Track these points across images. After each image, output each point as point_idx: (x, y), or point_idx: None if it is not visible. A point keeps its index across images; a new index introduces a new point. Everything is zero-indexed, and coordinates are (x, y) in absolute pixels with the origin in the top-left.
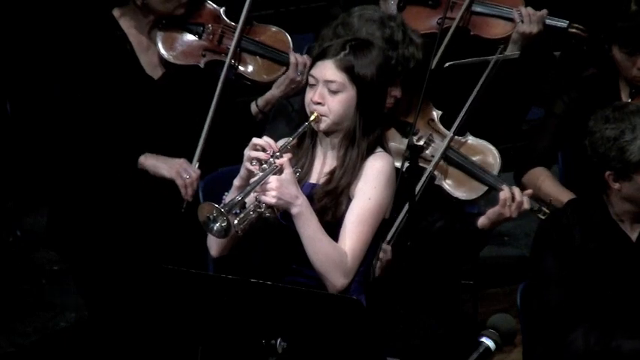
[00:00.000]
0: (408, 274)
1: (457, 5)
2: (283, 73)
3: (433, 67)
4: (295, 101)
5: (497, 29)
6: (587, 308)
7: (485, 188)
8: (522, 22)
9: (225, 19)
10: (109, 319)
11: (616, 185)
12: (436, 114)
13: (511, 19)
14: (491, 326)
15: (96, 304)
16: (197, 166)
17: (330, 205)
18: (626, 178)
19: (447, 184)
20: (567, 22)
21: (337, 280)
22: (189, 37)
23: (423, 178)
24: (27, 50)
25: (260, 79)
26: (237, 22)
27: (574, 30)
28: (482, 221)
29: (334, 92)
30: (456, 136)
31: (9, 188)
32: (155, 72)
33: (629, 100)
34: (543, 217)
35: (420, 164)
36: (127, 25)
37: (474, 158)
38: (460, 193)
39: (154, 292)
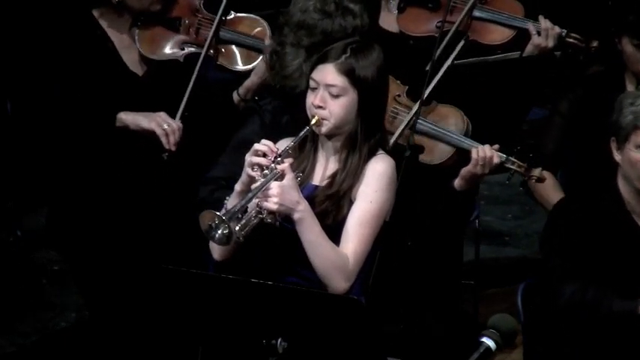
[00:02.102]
0: (408, 274)
1: (457, 9)
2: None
3: (429, 69)
4: (264, 103)
5: (495, 35)
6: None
7: (452, 149)
8: (539, 34)
9: (203, 10)
10: (109, 319)
11: (618, 157)
12: (402, 90)
13: (524, 29)
14: (491, 326)
15: (96, 304)
16: (179, 121)
17: (332, 209)
18: (620, 147)
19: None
20: (565, 30)
21: (339, 284)
22: (167, 32)
23: (391, 143)
24: (27, 50)
25: (240, 69)
26: (215, 13)
27: (571, 40)
28: (458, 182)
29: (335, 96)
30: (424, 106)
31: (9, 188)
32: (138, 69)
33: None
34: (514, 167)
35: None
36: (106, 24)
37: (440, 122)
38: (429, 159)
39: (154, 292)
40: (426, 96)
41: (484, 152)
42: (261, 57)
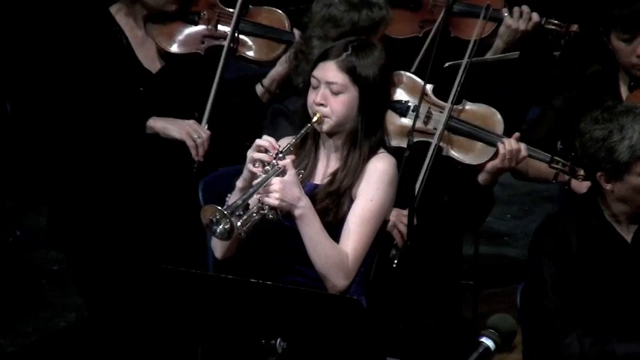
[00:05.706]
0: (408, 275)
1: (437, 7)
2: (283, 51)
3: (414, 70)
4: (290, 102)
5: (475, 30)
6: (584, 313)
7: (493, 149)
8: (511, 16)
9: (220, 5)
10: (109, 319)
11: (608, 186)
12: (429, 87)
13: (498, 19)
14: (490, 326)
15: (96, 304)
16: (206, 127)
17: (332, 206)
18: (617, 178)
19: (455, 153)
20: (544, 18)
21: (338, 281)
22: (186, 26)
23: (430, 151)
24: (27, 50)
25: (261, 59)
26: (232, 8)
27: (550, 26)
28: (482, 177)
29: (336, 93)
30: (455, 105)
31: (9, 188)
32: (153, 65)
33: (629, 94)
34: (558, 166)
35: (425, 139)
36: (123, 20)
37: (476, 122)
38: (470, 159)
39: (153, 292)
40: (456, 95)
41: (510, 145)
42: (282, 47)
